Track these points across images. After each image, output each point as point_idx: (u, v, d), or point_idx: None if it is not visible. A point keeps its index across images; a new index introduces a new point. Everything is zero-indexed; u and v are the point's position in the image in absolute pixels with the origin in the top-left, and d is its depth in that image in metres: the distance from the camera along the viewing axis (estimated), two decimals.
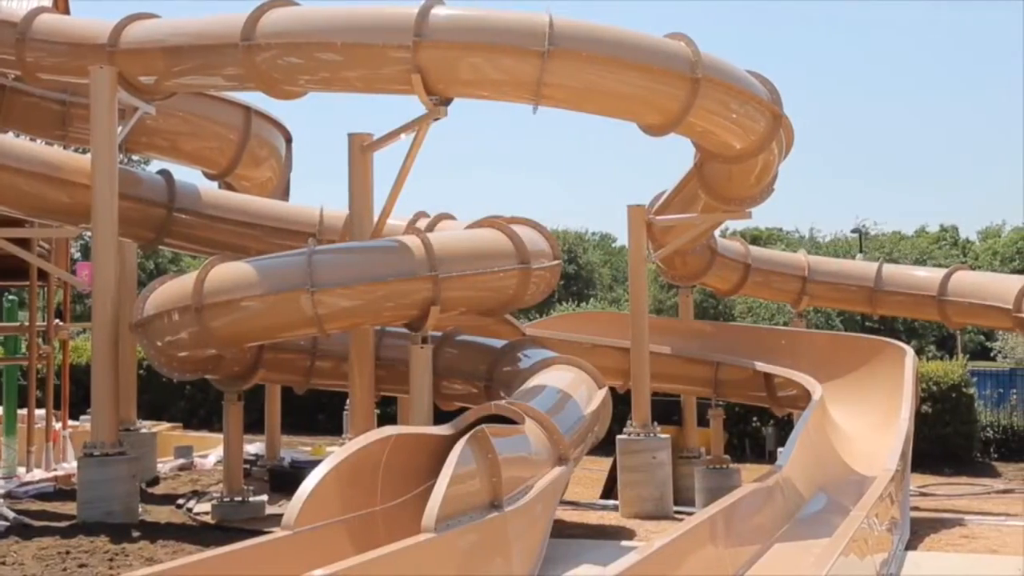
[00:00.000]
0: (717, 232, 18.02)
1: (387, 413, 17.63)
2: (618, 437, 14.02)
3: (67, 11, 17.76)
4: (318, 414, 26.28)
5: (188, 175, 15.59)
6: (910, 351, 15.68)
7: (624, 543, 11.41)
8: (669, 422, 17.63)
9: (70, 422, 19.10)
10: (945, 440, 24.30)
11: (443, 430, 9.52)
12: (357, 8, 11.45)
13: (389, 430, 8.96)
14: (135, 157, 26.97)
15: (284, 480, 14.64)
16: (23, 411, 17.56)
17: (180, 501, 14.21)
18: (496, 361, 12.94)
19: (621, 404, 14.55)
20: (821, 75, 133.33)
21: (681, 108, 11.39)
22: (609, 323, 19.75)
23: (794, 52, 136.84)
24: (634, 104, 11.56)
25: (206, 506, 13.67)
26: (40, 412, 18.02)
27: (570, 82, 11.01)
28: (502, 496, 8.51)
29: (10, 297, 23.39)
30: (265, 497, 13.96)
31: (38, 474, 15.89)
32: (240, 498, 13.36)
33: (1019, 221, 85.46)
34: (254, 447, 17.62)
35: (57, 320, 19.17)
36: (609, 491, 17.60)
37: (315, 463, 9.27)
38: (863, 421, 14.75)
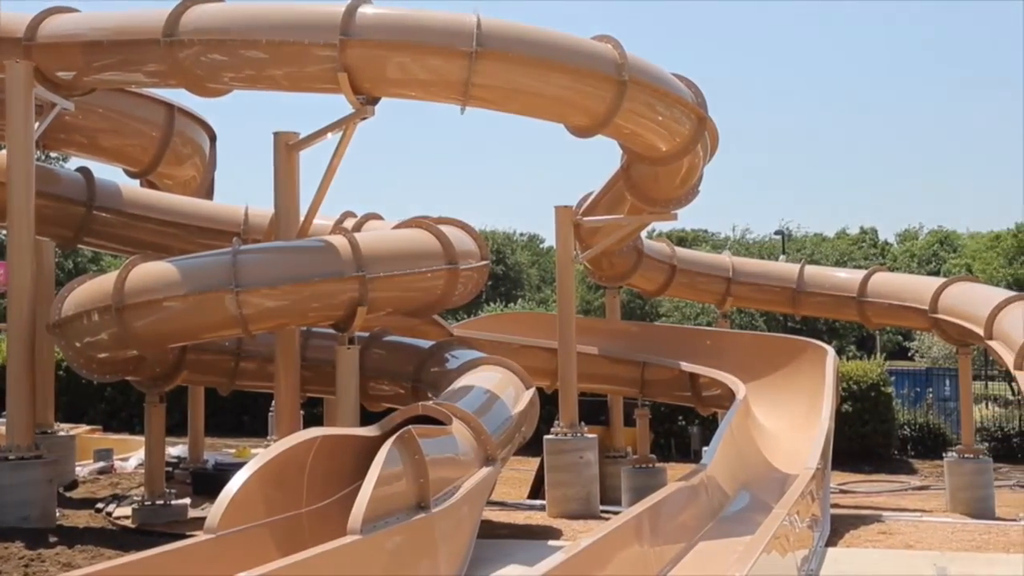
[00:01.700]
0: (644, 233, 18.18)
1: (313, 414, 17.44)
2: (545, 437, 14.08)
3: None
4: (243, 416, 25.93)
5: (109, 173, 15.30)
6: (831, 351, 15.99)
7: (551, 543, 11.45)
8: (596, 422, 17.74)
9: None
10: (864, 438, 24.81)
11: (370, 431, 9.46)
12: (283, 5, 11.33)
13: (315, 431, 8.88)
14: (53, 154, 26.33)
15: (207, 483, 14.43)
16: None
17: (99, 505, 13.92)
18: (424, 362, 12.90)
19: (548, 404, 14.63)
20: (745, 79, 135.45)
21: (608, 110, 11.47)
22: (537, 323, 19.82)
23: (719, 55, 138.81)
24: (561, 106, 11.61)
25: (127, 510, 13.41)
26: None
27: (498, 83, 11.02)
28: (429, 497, 8.49)
29: None
30: (188, 500, 13.75)
31: None
32: (162, 501, 13.14)
33: (935, 224, 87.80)
34: (177, 449, 17.33)
35: None
36: (536, 491, 17.66)
37: (239, 465, 9.16)
38: (785, 420, 15.01)
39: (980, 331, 13.88)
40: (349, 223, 14.00)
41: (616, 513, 11.90)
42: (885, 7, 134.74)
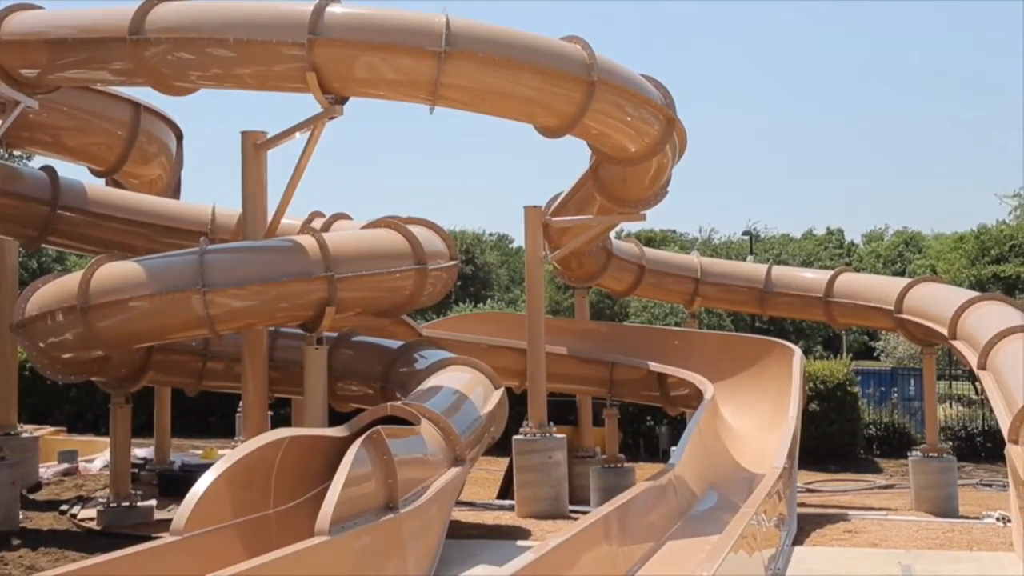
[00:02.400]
0: (612, 234, 18.23)
1: (281, 415, 17.39)
2: (514, 437, 14.08)
3: None
4: (210, 416, 25.79)
5: (74, 172, 15.15)
6: (798, 351, 16.10)
7: (520, 543, 11.46)
8: (565, 422, 17.76)
9: None
10: (831, 437, 24.98)
11: (338, 432, 9.44)
12: (251, 4, 11.24)
13: (283, 432, 8.85)
14: (16, 153, 26.05)
15: (174, 484, 14.34)
16: None
17: (64, 507, 13.81)
18: (392, 362, 12.88)
19: (517, 404, 14.62)
20: (713, 80, 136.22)
21: (577, 111, 11.49)
22: (506, 324, 19.81)
23: (687, 57, 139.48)
24: (530, 106, 11.61)
25: (92, 512, 13.31)
26: None
27: (467, 83, 11.00)
28: (398, 498, 8.49)
29: None
30: (154, 502, 13.68)
31: None
32: (127, 503, 13.04)
33: (900, 225, 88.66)
34: (143, 451, 17.21)
35: None
36: (505, 491, 17.66)
37: (206, 466, 9.10)
38: (753, 419, 15.10)
39: (944, 331, 14.01)
40: (317, 223, 13.94)
41: (585, 513, 11.93)
42: (851, 10, 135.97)
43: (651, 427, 26.05)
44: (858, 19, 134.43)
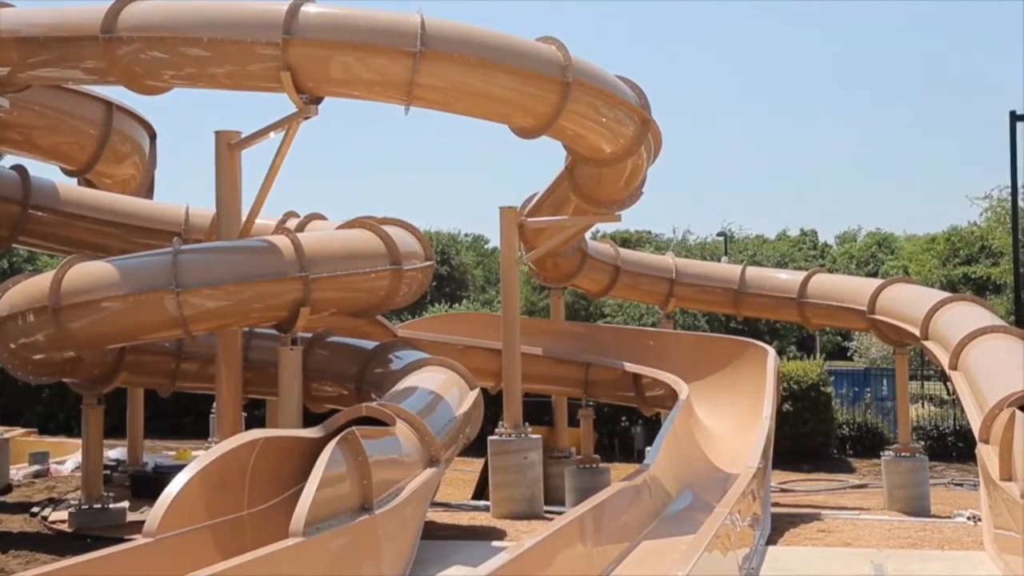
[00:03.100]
0: (588, 235, 18.26)
1: (255, 416, 17.31)
2: (490, 438, 14.08)
3: None
4: (183, 417, 25.65)
5: (46, 171, 15.03)
6: (772, 351, 16.17)
7: (495, 543, 11.46)
8: (540, 422, 17.78)
9: None
10: (804, 437, 25.09)
11: (313, 433, 9.41)
12: (225, 3, 11.19)
13: (257, 433, 8.82)
14: None
15: (147, 486, 14.26)
16: None
17: (35, 509, 13.70)
18: (367, 363, 12.85)
19: (493, 405, 14.62)
20: (688, 82, 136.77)
21: (552, 111, 11.51)
22: (482, 324, 19.80)
23: (662, 58, 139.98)
24: (506, 107, 11.62)
25: (63, 514, 13.21)
26: None
27: (442, 83, 10.99)
28: (372, 498, 8.47)
29: None
30: (126, 504, 13.58)
31: None
32: (99, 505, 12.95)
33: (873, 227, 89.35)
34: (116, 452, 17.09)
35: None
36: (481, 492, 17.66)
37: (179, 468, 9.06)
38: (727, 420, 15.17)
39: (916, 332, 14.12)
40: (292, 223, 13.90)
41: (560, 513, 11.94)
42: (826, 11, 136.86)
43: (626, 427, 26.10)
44: (833, 21, 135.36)
